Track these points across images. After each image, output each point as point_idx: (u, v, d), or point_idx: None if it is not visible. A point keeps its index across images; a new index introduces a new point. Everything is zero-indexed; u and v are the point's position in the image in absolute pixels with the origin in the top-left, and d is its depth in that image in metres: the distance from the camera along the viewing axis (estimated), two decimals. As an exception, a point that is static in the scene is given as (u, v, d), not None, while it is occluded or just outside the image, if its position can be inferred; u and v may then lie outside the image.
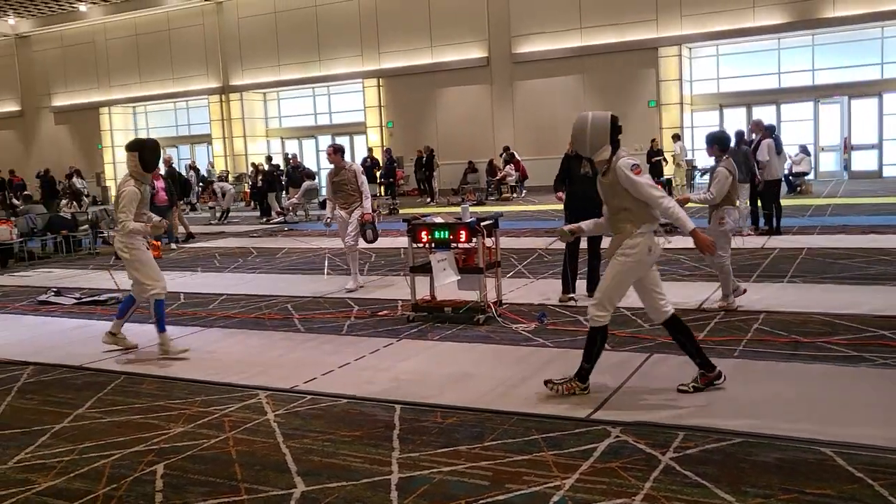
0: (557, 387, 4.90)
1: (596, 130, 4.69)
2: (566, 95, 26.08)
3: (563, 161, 7.85)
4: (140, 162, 6.36)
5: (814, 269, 8.88)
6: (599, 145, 4.71)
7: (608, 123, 4.70)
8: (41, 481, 4.01)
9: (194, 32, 31.86)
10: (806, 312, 6.74)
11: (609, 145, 4.71)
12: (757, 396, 4.66)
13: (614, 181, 4.68)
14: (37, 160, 34.15)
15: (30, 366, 6.49)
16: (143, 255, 6.46)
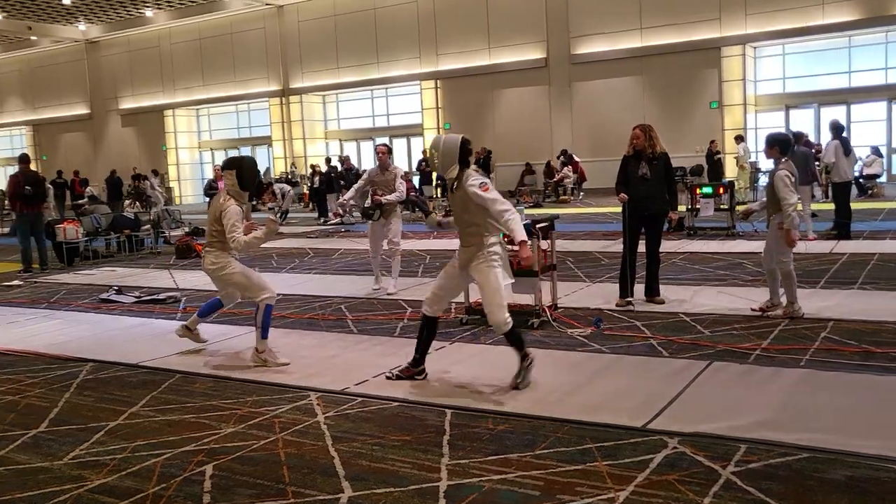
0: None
1: (446, 151, 5.18)
2: (625, 97, 25.70)
3: (622, 162, 7.67)
4: (238, 180, 6.26)
5: (886, 276, 8.50)
6: (449, 164, 5.17)
7: (457, 146, 5.17)
8: (94, 478, 4.04)
9: (256, 36, 32.40)
10: (878, 321, 6.43)
11: (457, 164, 5.16)
12: (825, 409, 4.44)
13: (464, 197, 5.12)
14: (104, 161, 35.19)
15: (89, 363, 6.61)
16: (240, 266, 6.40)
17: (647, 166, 7.43)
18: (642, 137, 7.44)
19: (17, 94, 40.43)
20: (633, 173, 7.47)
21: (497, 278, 5.09)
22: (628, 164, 7.56)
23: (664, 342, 6.14)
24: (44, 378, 6.19)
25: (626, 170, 7.57)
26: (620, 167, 7.66)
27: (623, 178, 7.62)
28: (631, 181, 7.49)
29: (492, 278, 5.09)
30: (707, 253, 11.01)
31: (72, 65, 37.82)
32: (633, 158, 7.51)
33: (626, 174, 7.57)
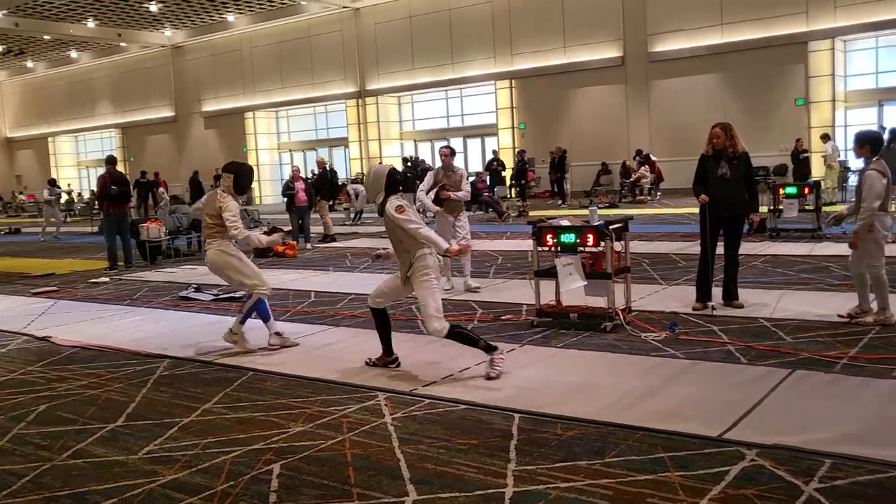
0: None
1: (374, 180, 5.92)
2: (705, 95, 25.03)
3: (700, 162, 7.43)
4: (234, 183, 6.93)
5: None
6: (377, 191, 5.88)
7: (384, 175, 5.87)
8: (165, 473, 4.12)
9: (333, 39, 32.89)
10: (977, 329, 6.04)
11: (383, 192, 5.83)
12: (920, 423, 4.17)
13: (387, 221, 5.79)
14: (187, 162, 36.35)
15: (166, 359, 6.78)
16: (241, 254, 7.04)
17: (728, 166, 7.17)
18: (722, 136, 7.19)
19: (108, 99, 42.11)
20: (713, 173, 7.23)
21: (427, 292, 5.66)
22: (707, 164, 7.31)
23: (743, 348, 5.91)
24: (123, 373, 6.38)
25: (705, 169, 7.32)
26: (698, 166, 7.42)
27: (701, 177, 7.37)
28: (710, 181, 7.25)
29: (423, 292, 5.67)
30: (790, 256, 10.59)
31: (158, 69, 39.16)
32: (712, 158, 7.27)
33: (705, 174, 7.32)
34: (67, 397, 5.75)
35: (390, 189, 5.83)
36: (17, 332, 8.44)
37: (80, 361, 6.91)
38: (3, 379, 6.42)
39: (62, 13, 31.65)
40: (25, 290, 11.63)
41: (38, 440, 4.81)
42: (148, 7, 31.11)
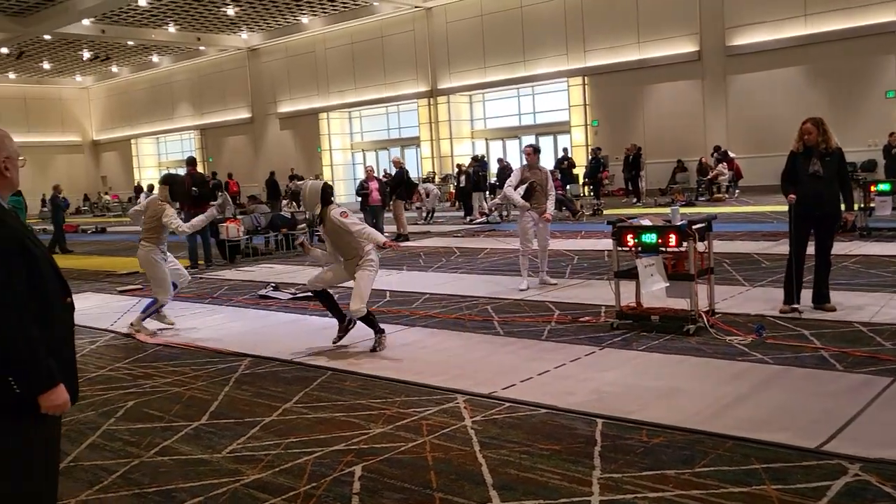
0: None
1: (310, 194, 6.88)
2: (787, 89, 24.18)
3: (789, 159, 7.13)
4: (170, 193, 8.23)
5: None
6: (314, 203, 6.83)
7: (318, 190, 6.85)
8: (249, 473, 4.16)
9: (405, 39, 33.07)
10: None
11: (320, 203, 6.79)
12: None
13: (332, 227, 6.73)
14: (264, 163, 37.11)
15: (247, 357, 6.89)
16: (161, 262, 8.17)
17: (820, 163, 6.87)
18: (815, 132, 6.88)
19: (187, 101, 43.37)
20: (804, 170, 6.93)
21: (368, 280, 6.73)
22: (797, 161, 7.01)
23: (837, 354, 5.64)
24: (206, 371, 6.51)
25: (795, 167, 7.03)
26: (788, 164, 7.13)
27: (791, 175, 7.08)
28: (801, 179, 6.95)
29: (365, 279, 6.70)
30: (884, 256, 10.09)
31: (235, 72, 40.11)
32: (802, 155, 6.97)
33: (795, 171, 7.03)
34: (153, 394, 5.89)
35: (326, 201, 6.79)
36: (105, 329, 8.72)
37: (165, 359, 7.09)
38: (94, 375, 6.62)
39: (145, 19, 32.71)
40: (111, 288, 12.03)
41: (126, 436, 4.93)
42: (225, 11, 31.89)
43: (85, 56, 39.63)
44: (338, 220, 6.63)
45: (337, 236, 6.78)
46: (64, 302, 2.71)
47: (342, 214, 6.67)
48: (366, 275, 6.72)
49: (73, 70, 44.59)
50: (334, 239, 6.84)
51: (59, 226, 20.32)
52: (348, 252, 6.83)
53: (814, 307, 7.10)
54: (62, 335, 2.68)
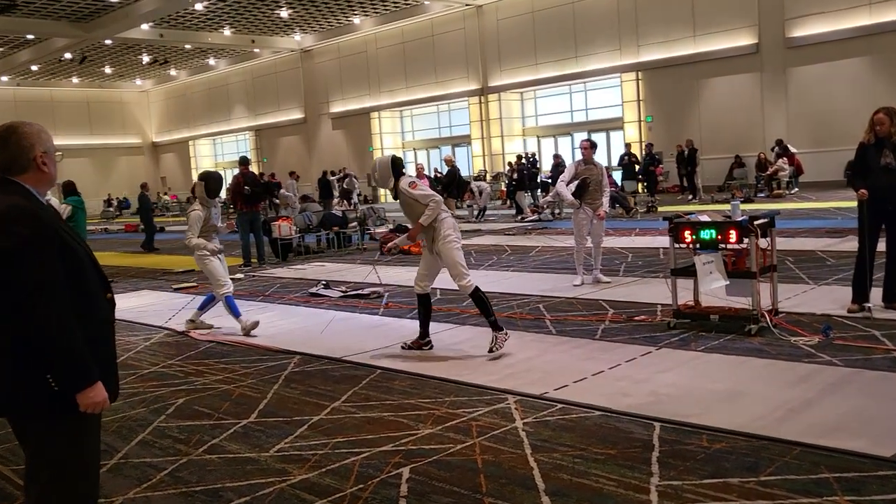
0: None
1: (381, 170, 6.57)
2: (850, 81, 23.36)
3: (859, 150, 6.80)
4: (206, 190, 7.89)
5: None
6: (387, 178, 6.55)
7: (389, 163, 6.54)
8: (296, 473, 4.09)
9: (456, 37, 32.98)
10: None
11: (392, 177, 6.51)
12: None
13: (406, 200, 6.44)
14: (317, 162, 37.46)
15: (297, 355, 6.86)
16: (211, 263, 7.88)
17: (892, 154, 6.53)
18: (887, 122, 6.53)
19: (242, 103, 44.04)
20: (875, 163, 6.59)
21: (454, 252, 6.32)
22: (868, 153, 6.68)
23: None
24: (255, 369, 6.49)
25: (866, 159, 6.69)
26: (857, 156, 6.80)
27: (861, 168, 6.73)
28: (872, 172, 6.60)
29: (450, 253, 6.30)
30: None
31: (288, 73, 40.57)
32: (874, 146, 6.63)
33: (866, 164, 6.69)
34: (204, 391, 5.89)
35: (398, 173, 6.51)
36: (160, 326, 8.81)
37: (216, 356, 7.10)
38: (147, 371, 6.67)
39: (201, 23, 33.28)
40: (167, 286, 12.19)
41: (176, 433, 4.92)
42: (279, 14, 32.24)
43: (144, 60, 40.58)
44: (406, 192, 6.37)
45: (410, 208, 6.50)
46: (105, 298, 2.66)
47: (411, 185, 6.41)
48: (447, 248, 6.30)
49: (134, 74, 45.68)
50: (408, 211, 6.57)
51: (149, 224, 20.56)
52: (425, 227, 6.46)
53: (884, 306, 6.77)
54: (102, 332, 2.64)
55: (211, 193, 7.99)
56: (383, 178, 6.56)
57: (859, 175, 6.73)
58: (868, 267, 6.68)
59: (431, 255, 6.49)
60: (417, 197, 6.32)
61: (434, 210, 6.29)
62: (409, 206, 6.48)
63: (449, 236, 6.34)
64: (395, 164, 6.55)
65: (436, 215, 6.31)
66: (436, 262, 6.51)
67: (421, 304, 6.61)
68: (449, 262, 6.29)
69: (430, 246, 6.46)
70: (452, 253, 6.28)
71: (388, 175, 6.51)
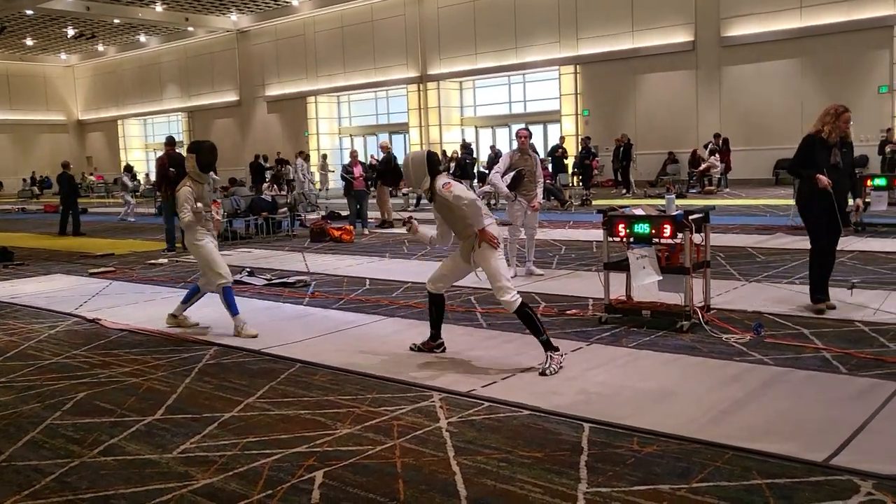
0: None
1: (416, 167, 5.59)
2: (781, 81, 23.89)
3: (807, 145, 6.58)
4: (197, 163, 6.87)
5: None
6: (421, 177, 5.57)
7: (424, 160, 5.59)
8: (199, 477, 3.76)
9: (396, 23, 32.53)
10: None
11: (428, 176, 5.55)
12: None
13: (442, 202, 5.55)
14: (251, 146, 36.54)
15: (213, 346, 6.48)
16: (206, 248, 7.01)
17: (839, 153, 6.48)
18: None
19: (175, 83, 42.68)
20: (824, 160, 6.45)
21: (498, 262, 5.45)
22: (815, 149, 6.51)
23: (840, 356, 5.28)
24: (168, 360, 6.09)
25: (813, 154, 6.52)
26: (805, 150, 6.58)
27: (806, 162, 6.56)
28: (818, 168, 6.44)
29: (494, 263, 5.43)
30: (881, 252, 9.77)
31: (224, 54, 39.46)
32: (820, 142, 6.49)
33: (812, 159, 6.51)
34: (108, 385, 5.48)
35: (434, 171, 5.59)
36: (69, 313, 8.28)
37: (127, 346, 6.67)
38: (47, 362, 6.20)
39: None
40: (83, 270, 11.57)
41: (70, 432, 4.51)
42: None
43: (69, 33, 38.87)
44: (442, 194, 5.50)
45: (447, 211, 5.65)
46: None
47: (444, 186, 5.49)
48: (494, 257, 5.43)
49: (58, 47, 43.82)
50: (444, 215, 5.72)
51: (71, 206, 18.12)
52: (463, 230, 5.61)
53: (813, 305, 6.75)
54: None
55: (203, 167, 6.88)
56: (418, 177, 5.61)
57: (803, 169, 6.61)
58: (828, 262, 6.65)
59: (462, 261, 5.69)
60: (451, 200, 5.43)
61: (476, 212, 5.39)
62: (446, 210, 5.63)
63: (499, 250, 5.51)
64: (432, 162, 5.61)
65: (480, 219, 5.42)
66: (463, 268, 5.76)
67: (434, 305, 5.91)
68: (491, 274, 5.43)
69: (464, 252, 5.66)
70: (496, 263, 5.42)
71: (424, 174, 5.56)
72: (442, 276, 5.86)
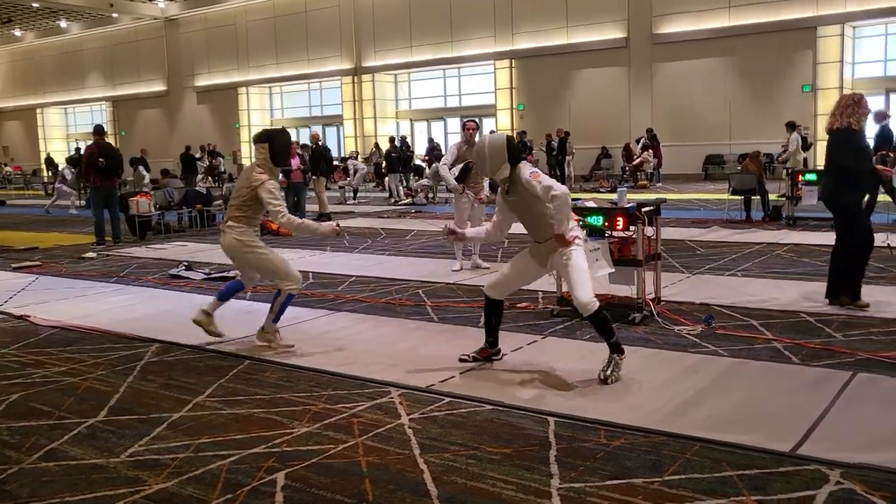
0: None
1: (495, 152, 4.87)
2: (710, 79, 24.49)
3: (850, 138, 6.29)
4: (270, 155, 5.85)
5: None
6: (500, 164, 4.86)
7: (504, 144, 4.88)
8: (151, 482, 3.55)
9: (330, 14, 32.06)
10: None
11: (508, 164, 4.86)
12: None
13: (524, 193, 4.84)
14: (179, 138, 35.50)
15: (155, 343, 6.20)
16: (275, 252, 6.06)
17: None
18: None
19: (99, 71, 41.14)
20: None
21: (580, 257, 4.85)
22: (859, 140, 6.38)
23: (791, 346, 5.37)
24: (107, 359, 5.80)
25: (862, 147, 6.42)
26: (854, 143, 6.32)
27: (861, 155, 6.38)
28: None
29: (579, 263, 4.83)
30: (813, 245, 10.05)
31: (151, 42, 38.22)
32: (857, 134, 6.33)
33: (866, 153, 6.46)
34: (43, 385, 5.17)
35: (516, 158, 4.89)
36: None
37: (60, 344, 6.32)
38: (-26, 363, 5.83)
39: (51, -20, 30.73)
40: (6, 265, 11.00)
41: (6, 436, 4.22)
42: (140, -24, 30.26)
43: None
44: (529, 183, 4.76)
45: (524, 206, 4.91)
46: None
47: (532, 175, 4.80)
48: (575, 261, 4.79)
49: (-29, 31, 41.77)
50: (524, 212, 4.96)
51: None
52: (543, 230, 4.89)
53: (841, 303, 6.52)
54: None
55: (278, 158, 5.90)
56: (495, 164, 4.86)
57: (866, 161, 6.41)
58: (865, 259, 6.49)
59: (536, 264, 5.04)
60: (540, 192, 4.72)
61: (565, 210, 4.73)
62: (524, 205, 4.89)
63: (580, 246, 4.90)
64: (513, 148, 4.90)
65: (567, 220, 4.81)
66: (535, 272, 5.14)
67: (493, 311, 5.25)
68: (576, 278, 4.77)
69: (541, 254, 4.98)
70: (582, 265, 4.82)
71: (503, 161, 4.85)
72: (507, 281, 5.17)
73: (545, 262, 4.98)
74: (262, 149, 5.86)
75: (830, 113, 6.44)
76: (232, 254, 6.02)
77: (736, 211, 13.39)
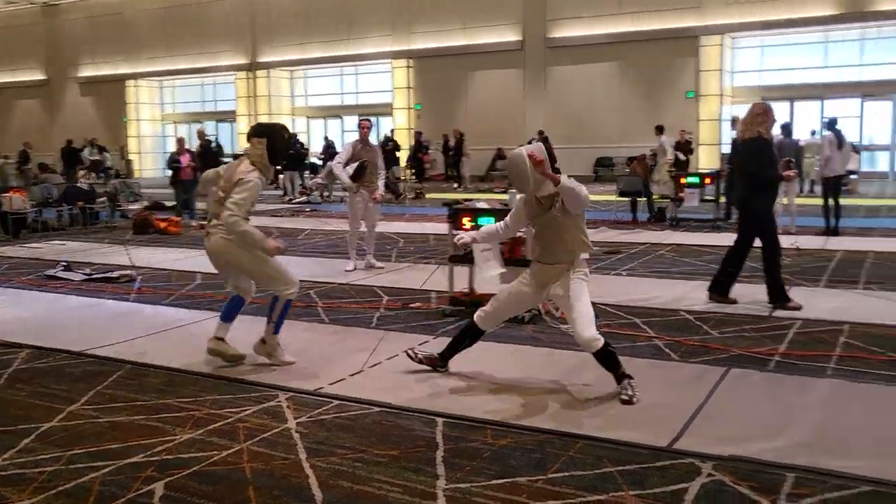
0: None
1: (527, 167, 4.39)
2: (601, 83, 25.24)
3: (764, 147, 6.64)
4: (269, 151, 5.26)
5: (889, 275, 8.08)
6: (542, 178, 4.41)
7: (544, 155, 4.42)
8: (16, 498, 3.35)
9: (223, 7, 31.25)
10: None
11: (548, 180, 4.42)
12: (879, 431, 3.89)
13: (563, 210, 4.43)
14: (61, 130, 33.73)
15: (25, 349, 5.85)
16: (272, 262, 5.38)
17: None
18: None
19: (-32, 57, 38.66)
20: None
21: (587, 296, 4.53)
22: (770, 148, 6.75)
23: (671, 343, 5.60)
24: (-28, 366, 5.44)
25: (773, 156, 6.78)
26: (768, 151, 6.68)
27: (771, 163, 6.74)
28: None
29: (584, 297, 4.51)
30: (695, 245, 10.51)
31: (27, 28, 36.16)
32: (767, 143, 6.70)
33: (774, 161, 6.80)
34: None
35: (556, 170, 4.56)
36: None
37: (-81, 351, 5.89)
38: None
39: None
40: None
41: None
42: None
43: None
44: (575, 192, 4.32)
45: (559, 225, 4.49)
46: None
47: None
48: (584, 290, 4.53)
49: None
50: (552, 229, 4.52)
51: None
52: (558, 255, 4.55)
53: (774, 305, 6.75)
54: None
55: (276, 156, 5.31)
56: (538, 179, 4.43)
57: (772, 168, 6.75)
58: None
59: (532, 289, 4.66)
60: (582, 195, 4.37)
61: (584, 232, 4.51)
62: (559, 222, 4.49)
63: (587, 275, 4.60)
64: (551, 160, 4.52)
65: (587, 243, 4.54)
66: (530, 299, 4.81)
67: (471, 336, 4.93)
68: (579, 311, 4.44)
69: (541, 277, 4.61)
70: (586, 299, 4.50)
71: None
72: (499, 312, 4.84)
73: (545, 285, 4.61)
74: (258, 144, 5.24)
75: (741, 121, 6.84)
76: (220, 258, 5.33)
77: (623, 212, 13.84)
